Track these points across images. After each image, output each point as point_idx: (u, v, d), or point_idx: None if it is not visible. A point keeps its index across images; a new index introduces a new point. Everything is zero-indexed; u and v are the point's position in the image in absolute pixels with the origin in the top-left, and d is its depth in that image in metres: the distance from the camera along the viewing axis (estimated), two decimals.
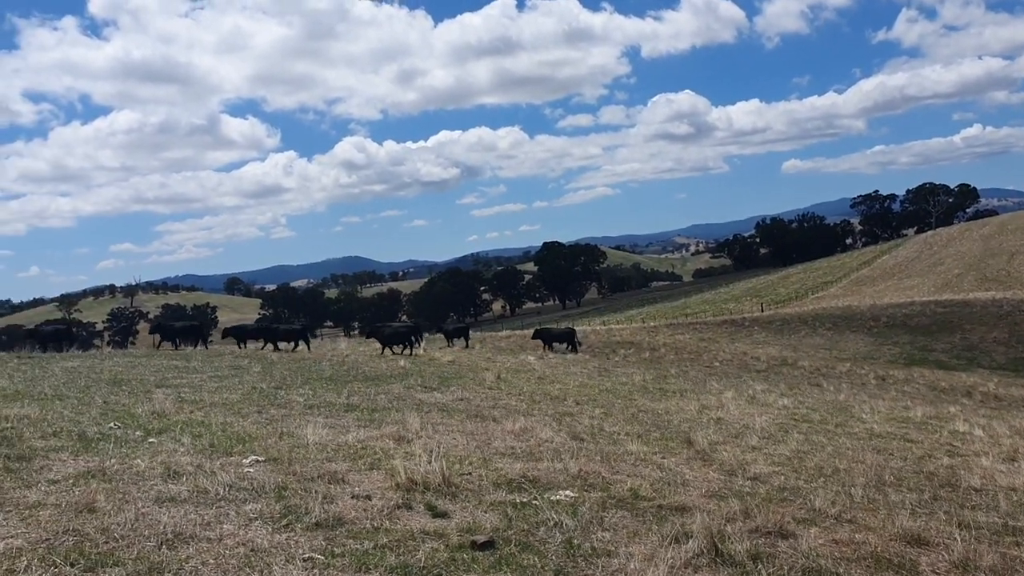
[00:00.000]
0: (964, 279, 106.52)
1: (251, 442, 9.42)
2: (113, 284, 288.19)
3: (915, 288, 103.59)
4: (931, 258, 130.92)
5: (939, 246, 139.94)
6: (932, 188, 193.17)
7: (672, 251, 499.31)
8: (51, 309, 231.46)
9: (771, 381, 31.02)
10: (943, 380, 40.62)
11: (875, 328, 61.73)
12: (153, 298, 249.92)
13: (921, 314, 65.38)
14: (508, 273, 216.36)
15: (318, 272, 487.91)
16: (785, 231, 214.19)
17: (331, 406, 13.70)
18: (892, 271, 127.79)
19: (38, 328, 35.78)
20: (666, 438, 12.73)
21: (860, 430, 16.54)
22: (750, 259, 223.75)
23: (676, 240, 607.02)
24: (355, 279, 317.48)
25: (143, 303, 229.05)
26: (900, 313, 66.25)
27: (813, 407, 20.60)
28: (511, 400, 16.67)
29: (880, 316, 65.82)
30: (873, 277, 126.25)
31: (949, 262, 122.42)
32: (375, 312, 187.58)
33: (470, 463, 8.93)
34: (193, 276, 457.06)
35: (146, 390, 14.32)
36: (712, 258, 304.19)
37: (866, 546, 6.59)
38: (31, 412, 10.47)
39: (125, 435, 9.45)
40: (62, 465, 7.62)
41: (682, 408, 17.45)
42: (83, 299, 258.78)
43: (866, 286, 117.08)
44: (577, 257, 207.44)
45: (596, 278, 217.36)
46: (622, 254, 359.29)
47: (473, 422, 12.87)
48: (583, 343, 44.14)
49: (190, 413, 11.65)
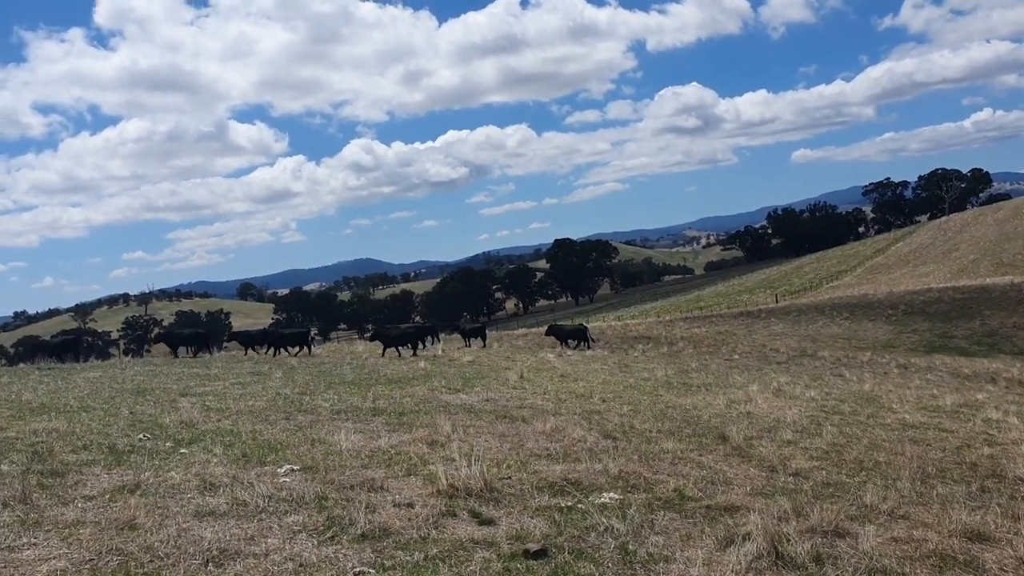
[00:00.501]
0: (980, 264, 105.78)
1: (283, 450, 9.27)
2: (127, 293, 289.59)
3: (931, 275, 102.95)
4: (946, 244, 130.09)
5: (953, 232, 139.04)
6: (944, 173, 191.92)
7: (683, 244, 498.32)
8: (66, 319, 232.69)
9: (793, 373, 30.70)
10: (965, 367, 40.23)
11: (893, 316, 61.32)
12: (167, 305, 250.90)
13: (939, 301, 64.93)
14: (520, 271, 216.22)
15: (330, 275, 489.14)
16: (797, 221, 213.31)
17: (358, 410, 13.55)
18: (907, 258, 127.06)
19: (51, 340, 35.88)
20: (699, 434, 12.53)
21: (892, 421, 16.29)
22: (762, 250, 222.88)
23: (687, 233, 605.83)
24: (367, 281, 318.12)
25: (157, 311, 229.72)
26: (918, 300, 65.81)
27: (841, 398, 20.35)
28: (537, 399, 16.48)
29: (898, 304, 65.39)
30: (888, 265, 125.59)
31: (964, 248, 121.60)
32: (388, 314, 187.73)
33: (508, 466, 8.76)
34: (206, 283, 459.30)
35: (171, 399, 14.20)
36: (723, 250, 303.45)
37: (926, 544, 6.39)
38: (59, 425, 10.36)
39: (155, 446, 9.31)
40: (96, 480, 7.49)
41: (709, 403, 17.22)
42: (98, 308, 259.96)
43: (881, 274, 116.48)
44: (588, 253, 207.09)
45: (608, 274, 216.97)
46: (633, 249, 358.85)
47: (503, 423, 12.70)
48: (598, 339, 43.95)
49: (218, 422, 11.52)
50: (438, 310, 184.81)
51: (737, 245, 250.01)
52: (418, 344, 30.90)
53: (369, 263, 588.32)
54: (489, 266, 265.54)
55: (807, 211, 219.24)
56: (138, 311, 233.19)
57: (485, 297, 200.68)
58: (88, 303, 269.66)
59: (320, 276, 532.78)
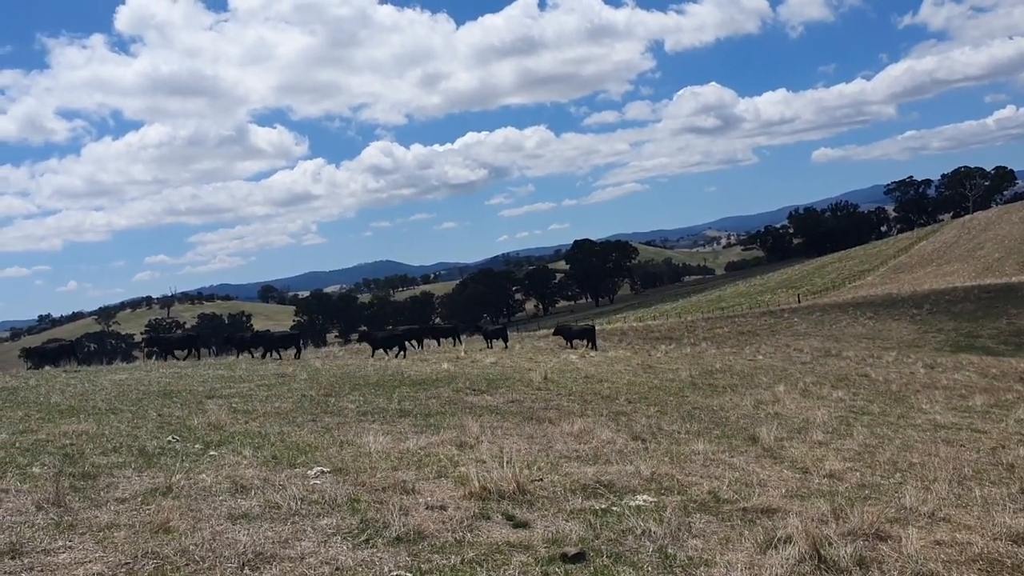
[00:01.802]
0: (1005, 263, 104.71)
1: (312, 452, 9.23)
2: (150, 296, 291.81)
3: (955, 274, 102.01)
4: (970, 243, 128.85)
5: (978, 230, 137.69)
6: (968, 171, 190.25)
7: (703, 245, 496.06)
8: (90, 322, 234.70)
9: (818, 373, 30.41)
10: (993, 366, 39.73)
11: (918, 316, 60.78)
12: (189, 308, 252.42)
13: (965, 300, 64.31)
14: (540, 272, 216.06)
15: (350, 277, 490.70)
16: (818, 221, 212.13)
17: (384, 412, 13.51)
18: (930, 257, 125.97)
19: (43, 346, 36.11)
20: (728, 436, 12.41)
21: (923, 421, 16.10)
22: (783, 250, 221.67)
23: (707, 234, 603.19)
24: (387, 283, 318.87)
25: (179, 313, 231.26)
26: (943, 300, 65.21)
27: (869, 398, 20.16)
28: (562, 401, 16.40)
29: (922, 303, 64.83)
30: (911, 264, 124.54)
31: (989, 246, 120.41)
32: (409, 316, 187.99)
33: (539, 468, 8.68)
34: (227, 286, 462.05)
35: (198, 401, 14.21)
36: (744, 250, 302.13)
37: (971, 547, 6.25)
38: (88, 427, 10.37)
39: (185, 448, 9.30)
40: (128, 482, 7.47)
41: (737, 404, 17.09)
42: (121, 311, 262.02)
43: (904, 273, 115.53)
44: (609, 254, 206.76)
45: (628, 274, 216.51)
46: (653, 249, 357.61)
47: (530, 425, 12.64)
48: (621, 340, 43.78)
49: (245, 424, 11.51)
50: (458, 311, 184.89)
51: (758, 245, 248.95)
52: (405, 346, 30.94)
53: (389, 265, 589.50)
54: (509, 267, 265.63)
55: (829, 211, 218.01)
56: (161, 314, 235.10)
57: (505, 298, 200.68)
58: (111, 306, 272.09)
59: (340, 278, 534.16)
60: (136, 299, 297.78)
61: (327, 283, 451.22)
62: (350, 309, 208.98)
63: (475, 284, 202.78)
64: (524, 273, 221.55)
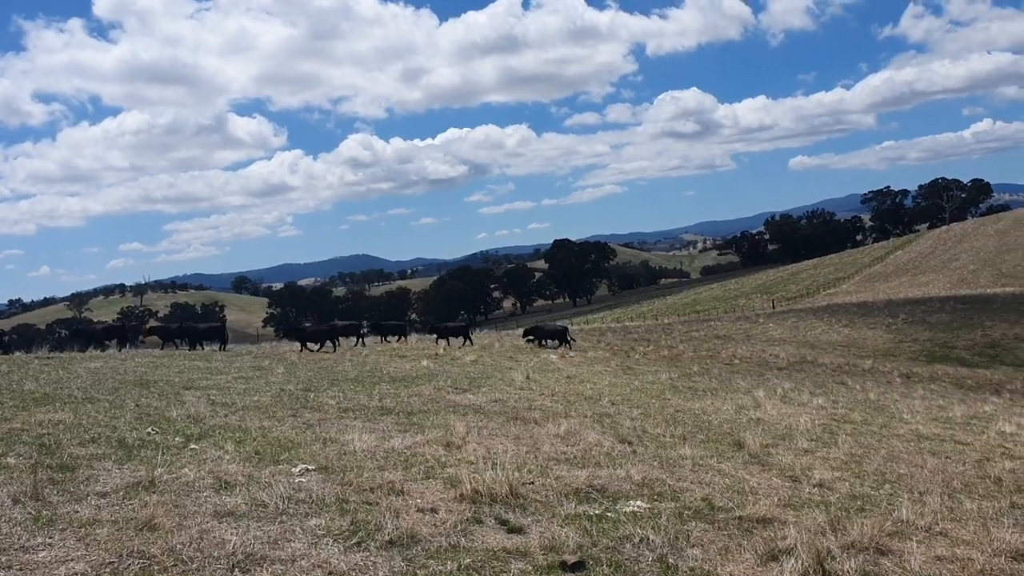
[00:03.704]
0: (980, 275, 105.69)
1: (296, 449, 9.03)
2: (123, 283, 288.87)
3: (930, 284, 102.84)
4: (945, 254, 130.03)
5: (953, 242, 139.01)
6: (945, 183, 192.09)
7: (680, 248, 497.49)
8: (62, 308, 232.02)
9: (796, 379, 30.50)
10: (969, 378, 40.12)
11: (893, 325, 61.16)
12: (162, 297, 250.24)
13: (940, 310, 64.82)
14: (518, 271, 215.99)
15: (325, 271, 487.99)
16: (795, 228, 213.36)
17: (365, 409, 13.31)
18: (906, 267, 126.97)
19: None
20: (712, 440, 12.32)
21: (905, 431, 16.09)
22: (759, 256, 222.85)
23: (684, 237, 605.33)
24: (363, 277, 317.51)
25: (153, 302, 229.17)
26: (919, 310, 65.70)
27: (849, 407, 20.16)
28: (545, 401, 16.26)
29: (898, 313, 65.27)
30: (886, 273, 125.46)
31: (964, 258, 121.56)
32: (384, 311, 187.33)
33: (529, 471, 8.51)
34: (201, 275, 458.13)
35: (175, 392, 13.96)
36: (720, 255, 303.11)
37: (972, 564, 6.16)
38: (65, 417, 10.13)
39: (165, 441, 9.07)
40: (108, 475, 7.23)
41: (718, 408, 17.01)
42: (94, 298, 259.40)
43: (879, 282, 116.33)
44: (587, 255, 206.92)
45: (606, 275, 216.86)
46: (631, 251, 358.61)
47: (515, 425, 12.48)
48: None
49: (225, 417, 11.29)
50: (436, 308, 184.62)
51: (733, 250, 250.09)
52: (337, 341, 30.71)
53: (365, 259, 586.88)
54: (487, 265, 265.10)
55: (805, 218, 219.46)
56: (134, 302, 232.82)
57: (483, 296, 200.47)
58: (84, 292, 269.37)
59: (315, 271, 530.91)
60: (109, 286, 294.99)
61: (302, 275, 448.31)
62: (324, 302, 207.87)
63: (453, 281, 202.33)
64: (503, 271, 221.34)
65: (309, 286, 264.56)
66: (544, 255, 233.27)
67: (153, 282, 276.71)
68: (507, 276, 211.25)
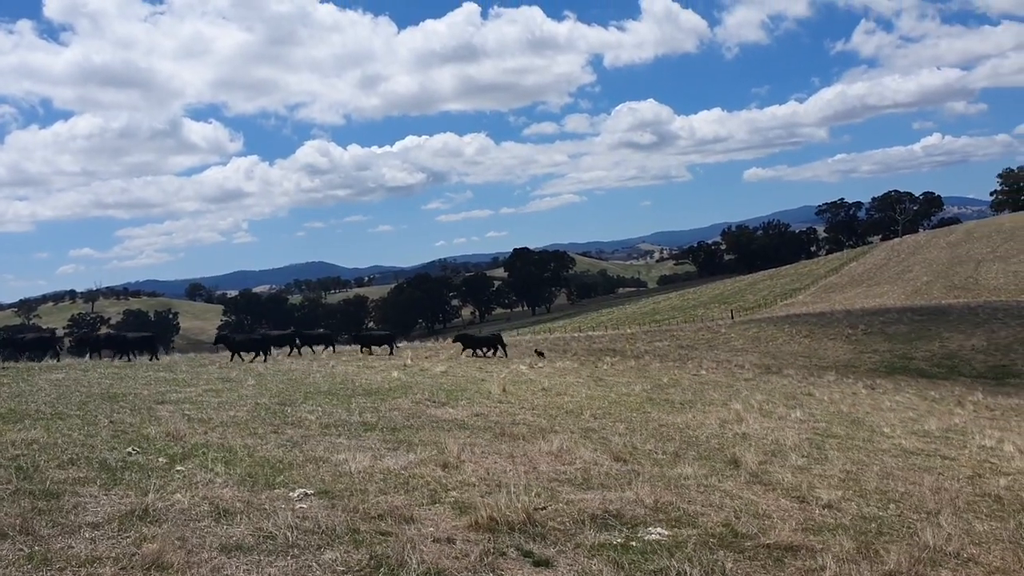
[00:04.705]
0: (933, 287, 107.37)
1: (288, 471, 8.59)
2: (73, 289, 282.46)
3: (885, 295, 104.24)
4: (899, 265, 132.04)
5: (906, 253, 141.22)
6: (898, 196, 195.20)
7: (637, 258, 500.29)
8: (9, 315, 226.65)
9: (765, 391, 30.44)
10: (930, 389, 40.45)
11: (853, 336, 61.74)
12: (114, 303, 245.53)
13: (899, 322, 65.59)
14: (477, 279, 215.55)
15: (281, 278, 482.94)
16: (751, 238, 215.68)
17: (347, 425, 12.88)
18: (861, 278, 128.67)
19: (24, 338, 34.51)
20: (705, 458, 12.06)
21: (889, 446, 16.01)
22: (715, 266, 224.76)
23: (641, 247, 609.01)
24: (319, 285, 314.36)
25: (104, 308, 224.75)
26: (877, 321, 66.41)
27: (826, 419, 20.08)
28: (527, 415, 15.92)
29: (857, 324, 65.91)
30: (841, 284, 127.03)
31: (917, 269, 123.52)
32: (342, 319, 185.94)
33: (537, 494, 8.16)
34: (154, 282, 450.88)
35: (147, 407, 13.39)
36: (676, 264, 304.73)
37: None
38: (38, 435, 9.57)
39: (148, 462, 8.58)
40: (96, 503, 6.74)
41: (702, 423, 16.79)
42: (43, 304, 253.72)
43: (835, 293, 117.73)
44: (547, 263, 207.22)
45: (565, 284, 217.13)
46: (589, 260, 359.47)
47: (504, 442, 12.14)
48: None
49: (204, 434, 10.79)
50: (394, 316, 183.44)
51: (690, 260, 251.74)
52: (269, 352, 30.23)
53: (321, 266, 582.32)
54: (446, 273, 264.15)
55: (761, 229, 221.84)
56: (84, 308, 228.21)
57: (442, 304, 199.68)
58: (33, 299, 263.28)
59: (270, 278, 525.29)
60: (59, 292, 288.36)
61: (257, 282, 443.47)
62: (280, 310, 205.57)
63: (411, 289, 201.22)
64: (461, 279, 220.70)
65: (265, 293, 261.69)
66: (503, 263, 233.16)
67: (105, 288, 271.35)
68: (466, 284, 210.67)
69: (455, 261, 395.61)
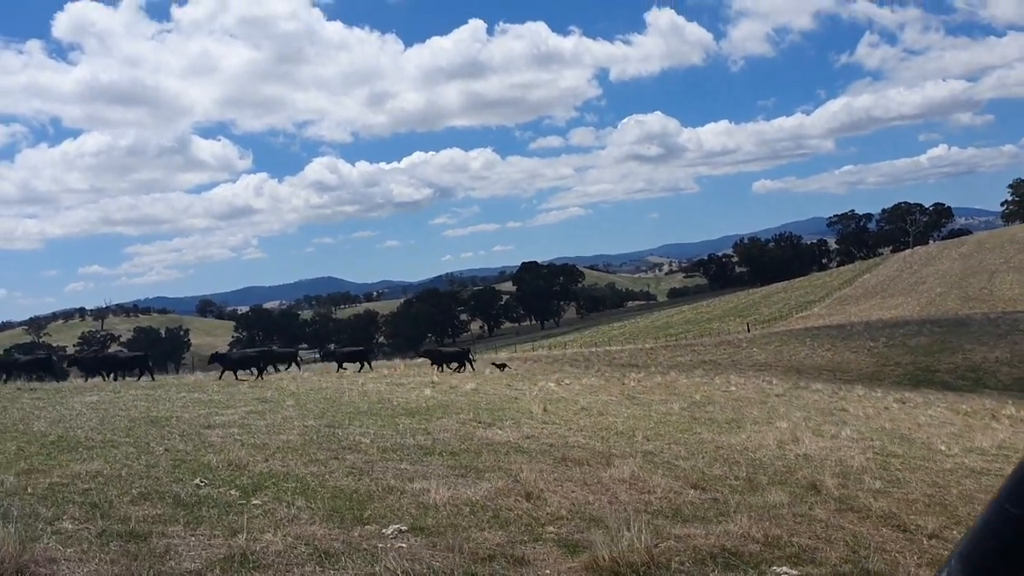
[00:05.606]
0: (948, 298, 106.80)
1: (369, 503, 8.15)
2: (83, 307, 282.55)
3: (900, 307, 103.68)
4: (912, 277, 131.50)
5: (919, 265, 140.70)
6: (908, 207, 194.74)
7: (645, 271, 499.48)
8: (19, 332, 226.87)
9: (799, 406, 29.92)
10: (960, 403, 39.86)
11: (875, 349, 61.21)
12: (124, 321, 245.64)
13: (919, 334, 65.02)
14: (486, 293, 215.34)
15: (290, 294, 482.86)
16: (762, 250, 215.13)
17: (403, 448, 12.43)
18: (874, 290, 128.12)
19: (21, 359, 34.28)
20: (779, 483, 11.58)
21: (953, 465, 15.55)
22: (726, 278, 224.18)
23: (649, 260, 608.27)
24: (329, 300, 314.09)
25: (114, 326, 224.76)
26: (898, 333, 65.85)
27: (876, 437, 19.60)
28: (579, 437, 15.46)
29: (878, 336, 65.38)
30: (856, 296, 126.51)
31: (931, 281, 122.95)
32: (352, 334, 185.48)
33: (639, 530, 7.70)
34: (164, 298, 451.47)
35: (196, 432, 12.97)
36: (686, 277, 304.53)
37: None
38: (98, 466, 9.18)
39: (220, 496, 8.15)
40: (186, 545, 6.31)
41: (759, 444, 16.30)
42: (52, 322, 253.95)
43: (850, 305, 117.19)
44: (556, 277, 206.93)
45: (574, 298, 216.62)
46: (596, 274, 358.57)
47: (569, 467, 11.68)
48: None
49: (266, 462, 10.35)
50: (403, 331, 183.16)
51: (701, 272, 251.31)
52: (264, 368, 30.13)
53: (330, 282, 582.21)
54: (453, 287, 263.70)
55: (773, 241, 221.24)
56: (94, 326, 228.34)
57: (451, 318, 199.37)
58: (43, 316, 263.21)
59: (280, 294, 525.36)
60: (69, 310, 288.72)
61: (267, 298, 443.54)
62: (291, 326, 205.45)
63: (420, 303, 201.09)
64: (470, 294, 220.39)
65: (275, 309, 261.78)
66: (511, 277, 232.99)
67: (115, 306, 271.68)
68: (474, 299, 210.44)
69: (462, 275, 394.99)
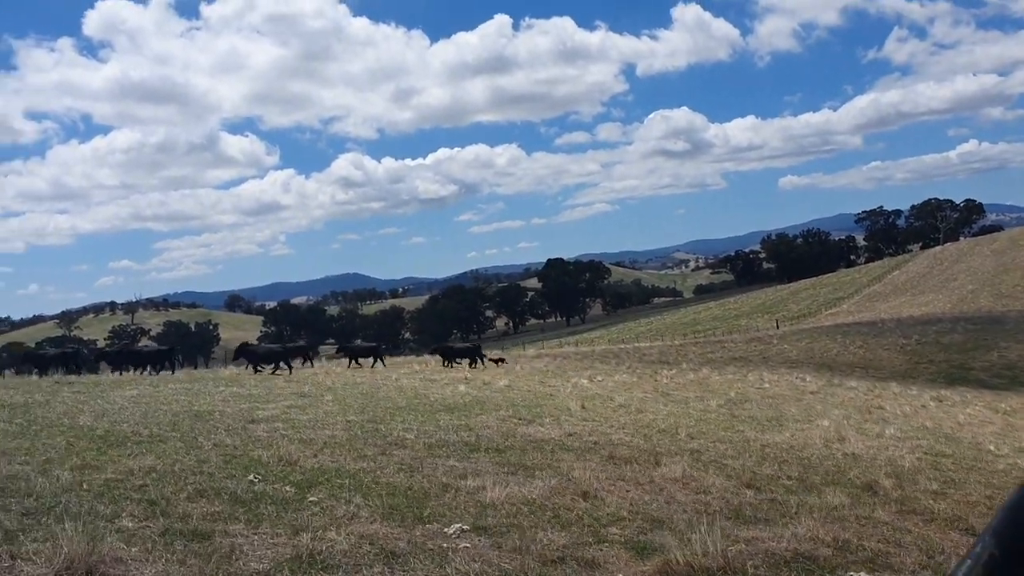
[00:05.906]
0: (980, 295, 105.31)
1: (427, 501, 8.03)
2: (113, 301, 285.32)
3: (931, 304, 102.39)
4: (943, 274, 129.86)
5: (949, 262, 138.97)
6: (938, 203, 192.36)
7: (672, 267, 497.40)
8: (51, 326, 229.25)
9: (836, 404, 29.56)
10: (999, 401, 39.29)
11: (908, 346, 60.46)
12: (154, 315, 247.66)
13: (952, 331, 64.20)
14: (511, 290, 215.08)
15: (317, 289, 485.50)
16: (790, 247, 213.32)
17: (449, 445, 12.31)
18: (904, 287, 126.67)
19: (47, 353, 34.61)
20: (833, 483, 11.34)
21: (1006, 466, 15.26)
22: (753, 275, 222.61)
23: (675, 256, 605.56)
24: (355, 296, 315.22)
25: (144, 320, 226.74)
26: (930, 330, 65.04)
27: (921, 436, 19.26)
28: (621, 435, 15.26)
29: (910, 333, 64.58)
30: (885, 293, 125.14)
31: (962, 278, 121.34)
32: (378, 329, 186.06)
33: (703, 530, 7.53)
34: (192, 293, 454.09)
35: (240, 427, 12.92)
36: (713, 274, 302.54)
37: None
38: (150, 462, 9.11)
39: (276, 492, 8.05)
40: (250, 545, 6.20)
41: (805, 442, 16.03)
42: (83, 316, 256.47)
43: (879, 302, 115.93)
44: (581, 273, 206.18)
45: (600, 294, 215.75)
46: (622, 270, 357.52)
47: (619, 466, 11.51)
48: (611, 361, 42.66)
49: (315, 457, 10.28)
50: (430, 327, 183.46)
51: (728, 268, 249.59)
52: (289, 363, 30.31)
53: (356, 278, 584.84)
54: (478, 284, 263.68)
55: (800, 237, 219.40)
56: (124, 320, 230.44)
57: (476, 315, 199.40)
58: (74, 311, 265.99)
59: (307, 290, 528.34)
60: (99, 304, 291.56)
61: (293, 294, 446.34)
62: (318, 321, 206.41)
63: (446, 300, 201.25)
64: (495, 290, 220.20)
65: (302, 304, 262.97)
66: (536, 273, 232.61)
67: (145, 300, 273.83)
68: (500, 295, 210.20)
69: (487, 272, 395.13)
